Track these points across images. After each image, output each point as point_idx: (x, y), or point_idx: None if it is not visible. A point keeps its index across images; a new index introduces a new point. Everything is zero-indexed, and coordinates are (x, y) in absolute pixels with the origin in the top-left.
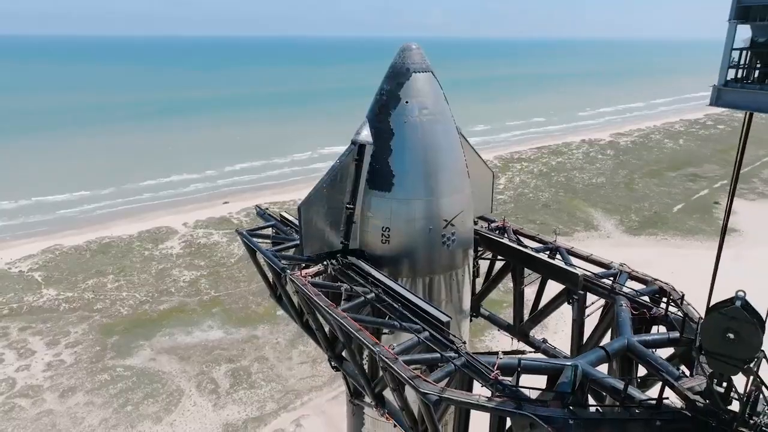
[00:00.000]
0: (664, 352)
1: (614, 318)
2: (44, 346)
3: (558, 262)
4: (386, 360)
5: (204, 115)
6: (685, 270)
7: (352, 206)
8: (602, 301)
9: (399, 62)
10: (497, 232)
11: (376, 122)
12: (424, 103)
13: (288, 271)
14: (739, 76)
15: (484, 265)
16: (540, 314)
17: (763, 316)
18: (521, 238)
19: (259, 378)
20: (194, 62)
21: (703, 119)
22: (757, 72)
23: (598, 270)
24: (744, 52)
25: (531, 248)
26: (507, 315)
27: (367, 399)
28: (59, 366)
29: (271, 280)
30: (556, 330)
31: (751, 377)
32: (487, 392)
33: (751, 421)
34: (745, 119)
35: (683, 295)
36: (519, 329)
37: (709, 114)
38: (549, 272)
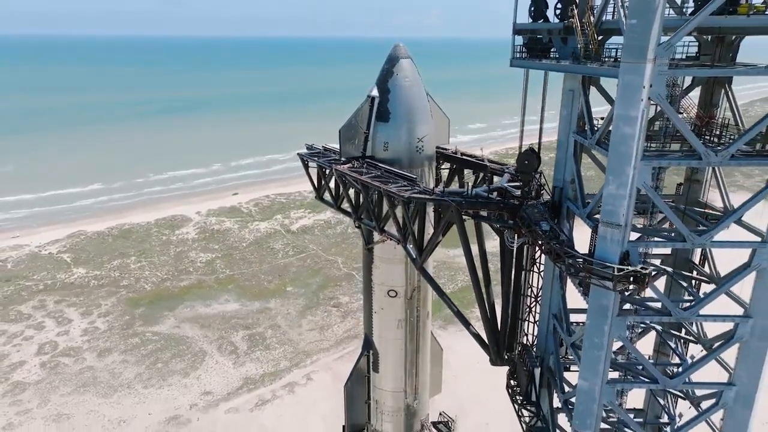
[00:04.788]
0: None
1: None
2: (79, 316)
3: (481, 163)
4: (386, 189)
5: (206, 114)
6: None
7: (367, 131)
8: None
9: (393, 53)
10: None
11: (381, 85)
12: (406, 75)
13: (332, 166)
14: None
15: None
16: None
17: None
18: (464, 156)
19: (273, 342)
20: (195, 62)
21: None
22: (527, 54)
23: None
24: (521, 46)
25: (469, 159)
26: None
27: (376, 239)
28: (95, 332)
29: (315, 184)
30: None
31: (535, 182)
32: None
33: (539, 199)
34: (525, 74)
35: (541, 172)
36: None
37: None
38: (475, 167)
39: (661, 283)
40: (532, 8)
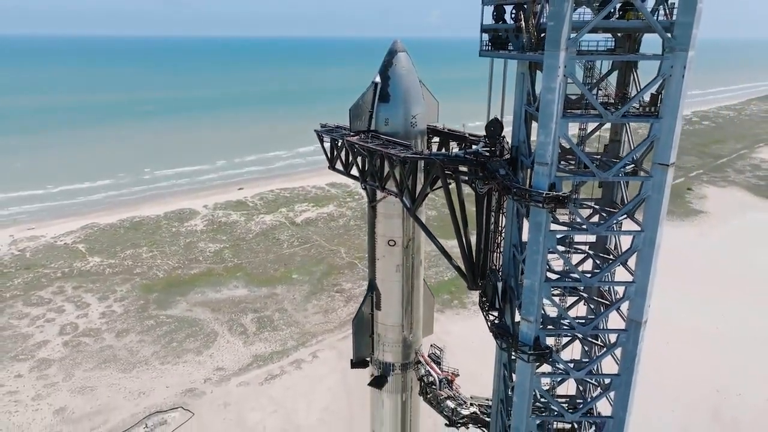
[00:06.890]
0: None
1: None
2: (97, 301)
3: (463, 135)
4: (387, 152)
5: (209, 113)
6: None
7: (371, 110)
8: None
9: (392, 47)
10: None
11: (382, 72)
12: (403, 65)
13: (344, 138)
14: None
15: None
16: None
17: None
18: (449, 131)
19: (280, 323)
20: (197, 62)
21: (689, 115)
22: (491, 47)
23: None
24: (487, 41)
25: (453, 132)
26: None
27: (378, 197)
28: (112, 314)
29: (328, 155)
30: None
31: (499, 144)
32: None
33: (503, 157)
34: (490, 62)
35: (504, 136)
36: None
37: (696, 111)
38: (457, 138)
39: (596, 220)
40: (495, 13)
